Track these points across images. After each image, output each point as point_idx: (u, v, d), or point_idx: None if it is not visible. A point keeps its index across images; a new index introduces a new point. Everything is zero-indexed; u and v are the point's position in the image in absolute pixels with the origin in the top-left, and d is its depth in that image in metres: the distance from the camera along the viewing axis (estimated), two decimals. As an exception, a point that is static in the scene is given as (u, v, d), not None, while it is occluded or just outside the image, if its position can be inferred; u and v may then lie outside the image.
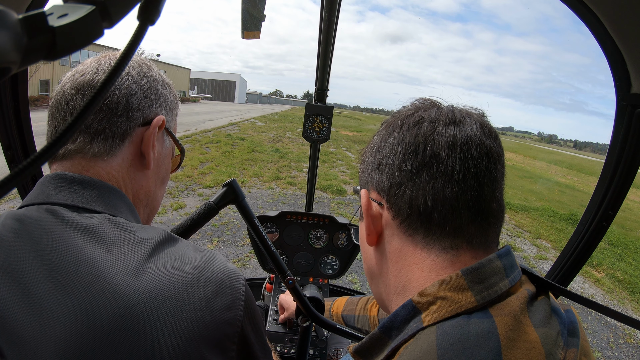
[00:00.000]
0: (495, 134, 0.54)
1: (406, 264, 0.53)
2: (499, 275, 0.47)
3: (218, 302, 0.50)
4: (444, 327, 0.43)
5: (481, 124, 0.53)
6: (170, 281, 0.49)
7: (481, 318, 0.43)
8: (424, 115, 0.53)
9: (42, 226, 0.51)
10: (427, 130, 0.52)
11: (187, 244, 0.56)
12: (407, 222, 0.52)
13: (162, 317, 0.46)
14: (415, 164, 0.51)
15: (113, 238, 0.51)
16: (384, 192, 0.54)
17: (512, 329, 0.42)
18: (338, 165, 13.25)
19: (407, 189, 0.51)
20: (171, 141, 0.73)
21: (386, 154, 0.55)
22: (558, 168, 30.50)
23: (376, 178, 0.56)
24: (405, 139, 0.53)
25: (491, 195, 0.51)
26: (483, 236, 0.51)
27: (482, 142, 0.51)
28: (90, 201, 0.56)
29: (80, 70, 0.63)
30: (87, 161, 0.60)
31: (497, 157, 0.52)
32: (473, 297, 0.45)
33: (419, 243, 0.52)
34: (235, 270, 0.56)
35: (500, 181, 0.53)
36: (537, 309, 0.46)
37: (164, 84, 0.69)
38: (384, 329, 0.50)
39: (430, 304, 0.46)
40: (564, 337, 0.45)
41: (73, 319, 0.43)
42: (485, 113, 0.57)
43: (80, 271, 0.46)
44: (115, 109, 0.60)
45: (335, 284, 1.91)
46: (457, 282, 0.46)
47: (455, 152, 0.50)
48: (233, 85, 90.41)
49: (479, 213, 0.50)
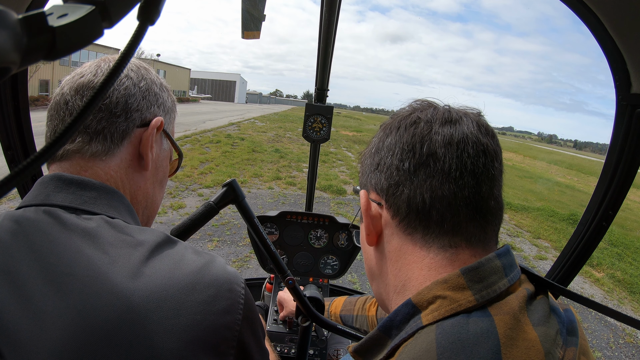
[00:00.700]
0: (492, 132, 0.54)
1: (405, 262, 0.53)
2: (498, 275, 0.47)
3: (216, 305, 0.50)
4: (444, 326, 0.43)
5: (478, 123, 0.53)
6: (168, 284, 0.48)
7: (480, 317, 0.43)
8: (421, 116, 0.54)
9: (40, 228, 0.50)
10: (424, 129, 0.52)
11: (186, 246, 0.56)
12: (405, 220, 0.52)
13: (159, 319, 0.46)
14: (413, 163, 0.51)
15: (110, 240, 0.51)
16: (382, 192, 0.55)
17: (511, 327, 0.42)
18: (338, 165, 13.25)
19: (405, 188, 0.51)
20: (169, 144, 0.73)
21: (384, 155, 0.55)
22: (558, 168, 30.51)
23: (375, 179, 0.56)
24: (403, 139, 0.53)
25: (489, 193, 0.51)
26: (482, 234, 0.51)
27: (479, 139, 0.51)
28: (88, 203, 0.56)
29: (79, 72, 0.63)
30: (86, 161, 0.60)
31: (494, 155, 0.52)
32: (472, 296, 0.45)
33: (418, 242, 0.52)
34: (235, 273, 0.55)
35: (498, 179, 0.53)
36: (536, 308, 0.47)
37: (162, 86, 0.70)
38: (384, 328, 0.50)
39: (429, 303, 0.46)
40: (563, 336, 0.45)
41: (70, 320, 0.43)
42: (482, 112, 0.57)
43: (77, 273, 0.46)
44: (114, 109, 0.61)
45: (335, 284, 1.91)
46: (456, 281, 0.46)
47: (452, 150, 0.50)
48: (233, 85, 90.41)
49: (477, 211, 0.50)
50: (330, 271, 1.74)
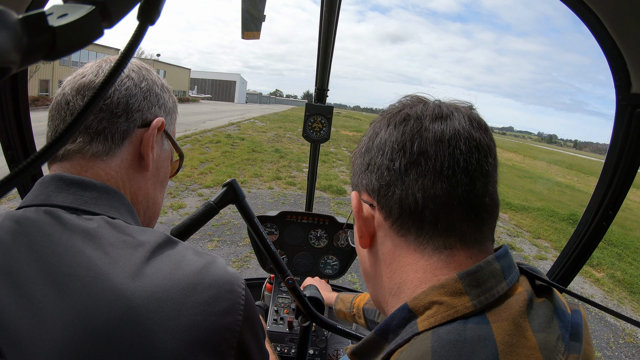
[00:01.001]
0: (485, 126, 0.52)
1: (400, 265, 0.52)
2: (496, 278, 0.46)
3: (217, 306, 0.50)
4: (440, 333, 0.42)
5: (469, 117, 0.51)
6: (168, 284, 0.48)
7: (478, 324, 0.42)
8: (410, 112, 0.52)
9: (41, 228, 0.50)
10: (414, 127, 0.51)
11: (187, 246, 0.56)
12: (398, 222, 0.51)
13: (160, 320, 0.46)
14: (404, 163, 0.50)
15: (111, 240, 0.51)
16: (374, 193, 0.53)
17: (510, 334, 0.41)
18: (338, 165, 13.24)
19: (397, 189, 0.50)
20: (170, 145, 0.73)
21: (374, 154, 0.54)
22: (558, 168, 30.48)
23: (366, 179, 0.55)
24: (392, 137, 0.52)
25: (483, 190, 0.49)
26: (477, 234, 0.49)
27: (471, 135, 0.49)
28: (89, 203, 0.56)
29: (81, 73, 0.63)
30: (86, 161, 0.60)
31: (487, 150, 0.50)
32: (470, 301, 0.44)
33: (411, 243, 0.51)
34: (236, 274, 0.55)
35: (493, 175, 0.51)
36: (537, 313, 0.45)
37: (163, 87, 0.70)
38: (380, 331, 0.49)
39: (426, 309, 0.45)
40: (565, 341, 0.44)
41: (71, 321, 0.43)
42: (474, 106, 0.55)
43: (78, 273, 0.46)
44: (115, 109, 0.61)
45: (335, 284, 1.91)
46: (453, 286, 0.45)
47: (444, 147, 0.48)
48: (233, 85, 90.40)
49: (472, 209, 0.48)
50: (330, 271, 1.74)
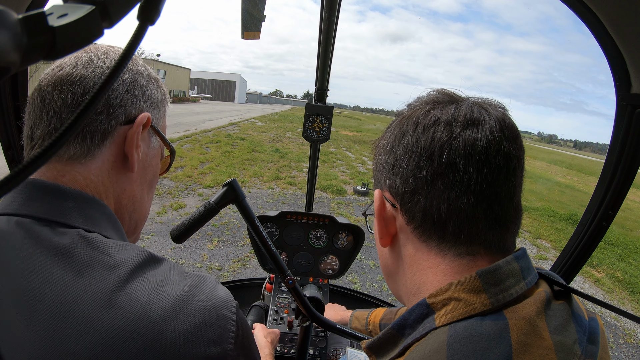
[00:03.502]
0: (515, 133, 0.50)
1: (420, 267, 0.52)
2: (515, 278, 0.46)
3: (203, 335, 0.46)
4: (456, 328, 0.42)
5: (501, 124, 0.49)
6: (145, 314, 0.44)
7: (494, 320, 0.42)
8: (441, 116, 0.50)
9: (10, 241, 0.46)
10: (444, 134, 0.48)
11: (172, 266, 0.52)
12: (420, 228, 0.50)
13: (135, 354, 0.42)
14: (430, 172, 0.49)
15: (85, 260, 0.46)
16: (397, 196, 0.53)
17: (525, 333, 0.41)
18: (338, 165, 13.24)
19: (422, 197, 0.49)
20: (159, 141, 0.67)
21: (400, 156, 0.52)
22: (558, 168, 30.51)
23: (390, 180, 0.54)
24: (420, 142, 0.50)
25: (509, 203, 0.49)
26: (501, 241, 0.49)
27: (502, 147, 0.48)
28: (65, 214, 0.51)
29: (58, 65, 0.57)
30: (63, 165, 0.54)
31: (517, 163, 0.49)
32: (488, 299, 0.44)
33: (433, 249, 0.50)
34: (225, 296, 0.51)
35: (519, 186, 0.51)
36: (555, 315, 0.45)
37: (149, 78, 0.63)
38: (397, 326, 0.49)
39: (444, 305, 0.46)
40: (582, 345, 0.44)
41: (35, 352, 0.40)
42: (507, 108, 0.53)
43: (47, 297, 0.43)
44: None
45: (335, 284, 1.91)
46: (472, 284, 0.45)
47: (473, 161, 0.47)
48: (233, 85, 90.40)
49: (497, 220, 0.48)
50: (330, 271, 1.74)
